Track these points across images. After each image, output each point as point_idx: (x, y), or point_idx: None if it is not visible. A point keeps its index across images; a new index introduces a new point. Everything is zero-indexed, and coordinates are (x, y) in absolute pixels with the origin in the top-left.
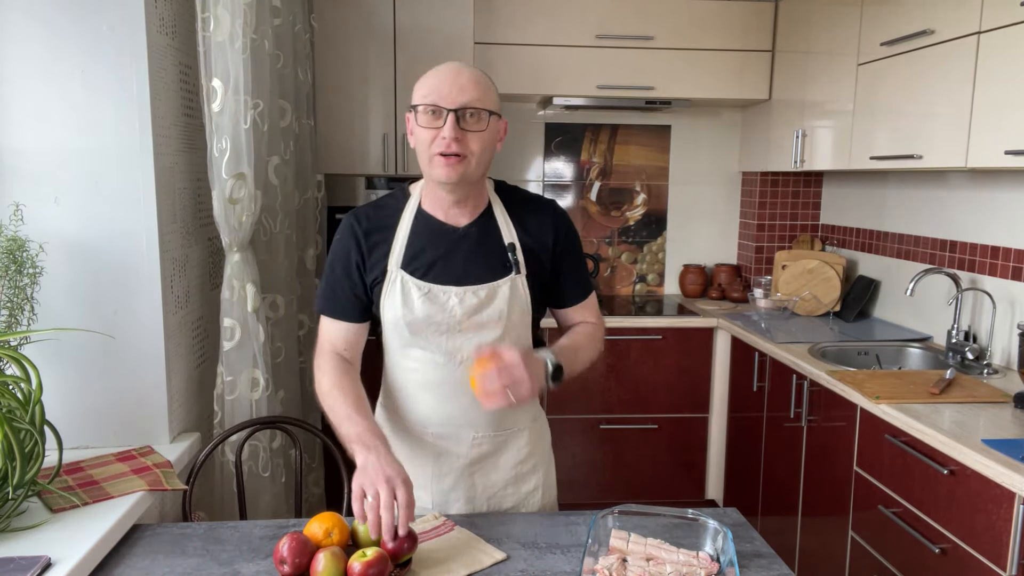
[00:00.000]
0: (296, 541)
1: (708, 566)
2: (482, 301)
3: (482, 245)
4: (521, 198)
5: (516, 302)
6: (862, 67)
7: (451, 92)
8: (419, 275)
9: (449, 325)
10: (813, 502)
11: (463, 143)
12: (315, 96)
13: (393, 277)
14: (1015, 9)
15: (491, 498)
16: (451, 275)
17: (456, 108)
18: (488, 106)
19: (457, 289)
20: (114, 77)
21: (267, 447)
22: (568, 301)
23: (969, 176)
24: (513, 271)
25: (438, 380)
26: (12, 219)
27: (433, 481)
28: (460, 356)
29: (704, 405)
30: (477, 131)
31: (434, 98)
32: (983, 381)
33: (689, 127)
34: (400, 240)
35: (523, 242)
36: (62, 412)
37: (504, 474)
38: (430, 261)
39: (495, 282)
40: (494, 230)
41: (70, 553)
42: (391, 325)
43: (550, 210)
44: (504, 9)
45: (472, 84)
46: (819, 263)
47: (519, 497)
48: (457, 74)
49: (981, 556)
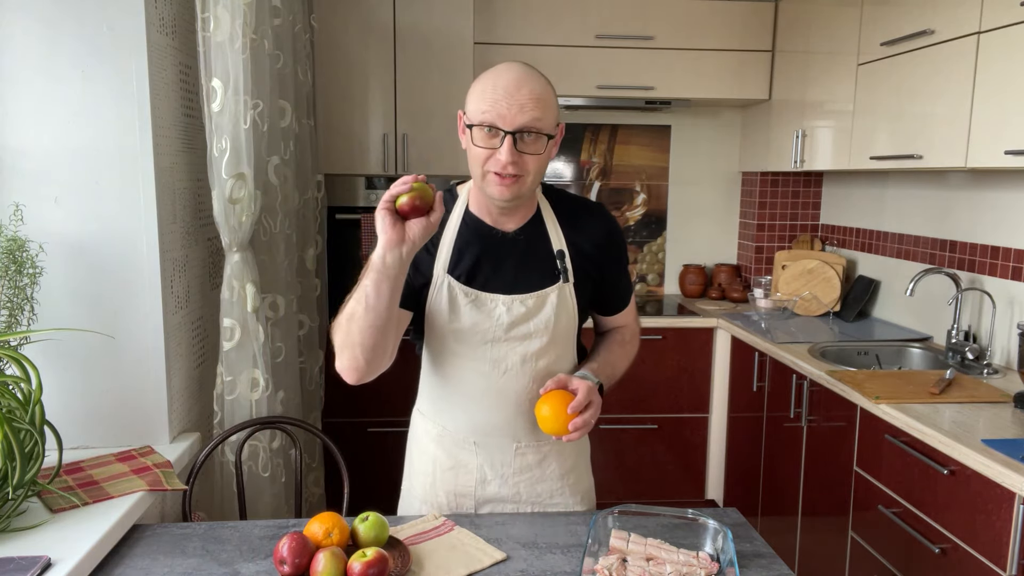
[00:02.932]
0: (296, 541)
1: (708, 566)
2: (530, 310)
3: (531, 252)
4: (570, 202)
5: (563, 311)
6: (862, 67)
7: (510, 111)
8: (464, 280)
9: (495, 334)
10: (813, 502)
11: (520, 164)
12: (315, 96)
13: (440, 282)
14: (1015, 9)
15: (536, 506)
16: (499, 282)
17: (514, 131)
18: (548, 127)
19: (505, 297)
20: (114, 77)
21: (267, 447)
22: (614, 309)
23: (969, 176)
24: (561, 279)
25: (482, 389)
26: (12, 219)
27: (479, 487)
28: (505, 365)
29: (704, 405)
30: (535, 154)
31: (491, 117)
32: (983, 381)
33: (689, 127)
34: (447, 244)
35: (572, 249)
36: (62, 412)
37: (551, 485)
38: (477, 266)
39: (543, 290)
40: (543, 236)
41: (70, 553)
42: (436, 331)
43: (600, 215)
44: (504, 9)
45: (532, 102)
46: (819, 263)
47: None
48: (517, 89)
49: (981, 556)
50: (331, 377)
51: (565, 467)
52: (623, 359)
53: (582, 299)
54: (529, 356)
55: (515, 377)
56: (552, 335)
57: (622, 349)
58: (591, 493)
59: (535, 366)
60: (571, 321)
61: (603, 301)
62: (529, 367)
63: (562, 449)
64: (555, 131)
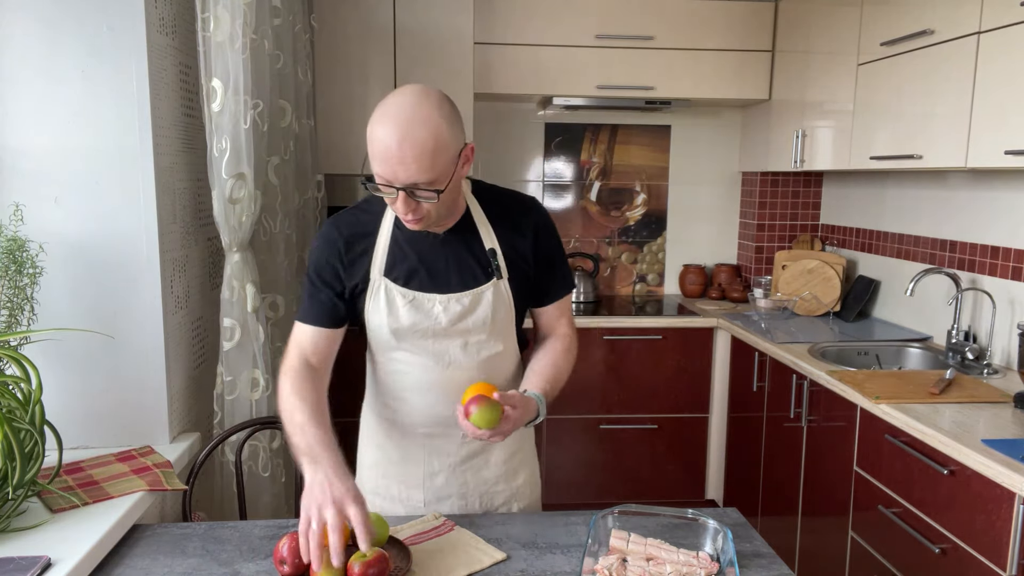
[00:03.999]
0: (296, 541)
1: (708, 566)
2: (466, 308)
3: (463, 251)
4: (499, 198)
5: (500, 306)
6: (862, 67)
7: (396, 170)
8: (402, 282)
9: (435, 331)
10: (813, 502)
11: (418, 209)
12: (315, 96)
13: (377, 285)
14: (1015, 9)
15: (484, 495)
16: (434, 283)
17: (404, 187)
18: (439, 182)
19: (441, 297)
20: (114, 77)
21: (267, 447)
22: (548, 298)
23: (969, 176)
24: (495, 276)
25: (427, 382)
26: (12, 219)
27: (426, 479)
28: (447, 359)
29: (704, 405)
30: (428, 200)
31: (382, 172)
32: (983, 381)
33: (689, 127)
34: (381, 247)
35: (504, 245)
36: (62, 412)
37: (495, 470)
38: (413, 268)
39: (478, 288)
40: (474, 236)
41: (70, 553)
42: (376, 330)
43: (529, 208)
44: (504, 9)
45: (417, 160)
46: (819, 263)
47: (510, 492)
48: (399, 148)
49: (981, 556)
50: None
51: (508, 451)
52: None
53: (518, 293)
54: (470, 348)
55: (459, 369)
56: (491, 329)
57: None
58: (535, 477)
59: (477, 357)
60: (509, 315)
61: (538, 292)
62: (471, 359)
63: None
64: (448, 181)
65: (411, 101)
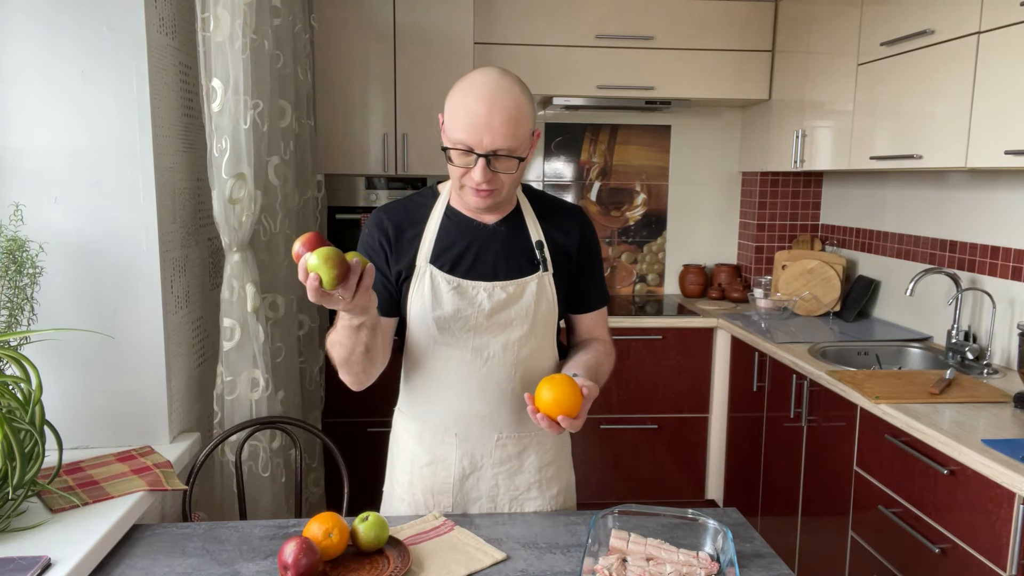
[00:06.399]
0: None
1: (708, 566)
2: (510, 296)
3: (511, 242)
4: (548, 200)
5: (543, 300)
6: (862, 67)
7: (483, 137)
8: (447, 269)
9: (477, 321)
10: (813, 502)
11: (494, 180)
12: (315, 96)
13: (422, 271)
14: (1015, 9)
15: (514, 500)
16: (480, 270)
17: (487, 153)
18: (521, 149)
19: (486, 284)
20: (114, 77)
21: (267, 447)
22: (588, 305)
23: (969, 176)
24: (541, 268)
25: (464, 377)
26: (12, 219)
27: (457, 482)
28: (487, 353)
29: (704, 405)
30: (507, 172)
31: (465, 140)
32: (983, 381)
33: (689, 127)
34: (430, 235)
35: (550, 241)
36: (62, 412)
37: (528, 477)
38: (460, 255)
39: (523, 278)
40: (523, 228)
41: (70, 553)
42: (418, 320)
43: (577, 213)
44: (504, 9)
45: (504, 126)
46: (819, 263)
47: (543, 501)
48: (490, 113)
49: (981, 556)
50: (331, 377)
51: (544, 460)
52: (605, 374)
53: (560, 290)
54: (511, 344)
55: (498, 365)
56: (532, 323)
57: (608, 361)
58: (571, 489)
59: (517, 355)
60: (551, 310)
61: (579, 297)
62: (511, 355)
63: (542, 441)
64: (527, 151)
65: (496, 75)
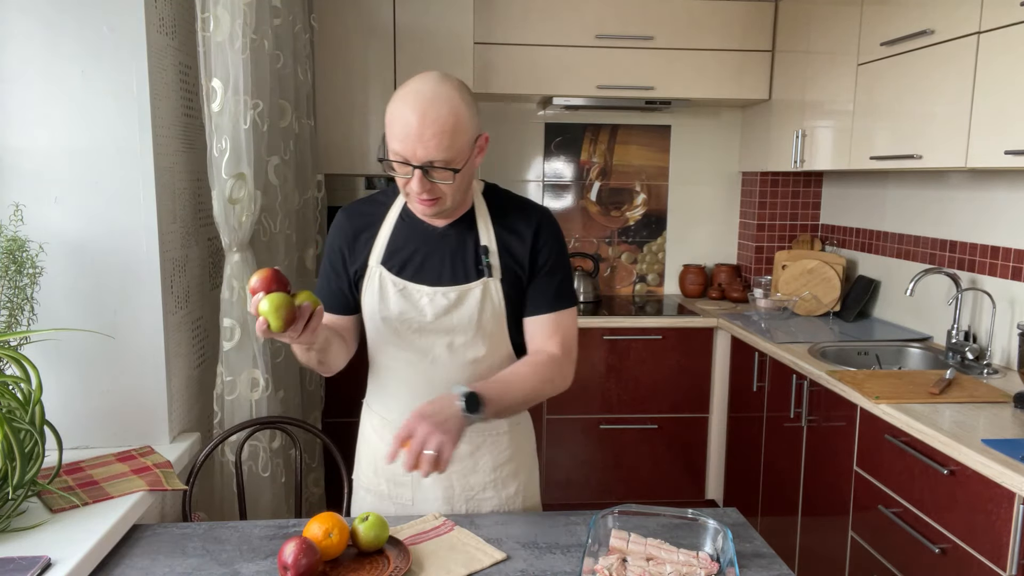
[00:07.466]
0: (300, 546)
1: (708, 566)
2: (452, 303)
3: (459, 247)
4: (507, 202)
5: (488, 306)
6: (862, 67)
7: (416, 149)
8: (396, 271)
9: (421, 324)
10: (813, 502)
11: (434, 190)
12: (315, 96)
13: (373, 272)
14: (1015, 9)
15: (470, 500)
16: (426, 274)
17: (422, 165)
18: (456, 161)
19: (429, 289)
20: (114, 77)
21: (267, 447)
22: (530, 310)
23: (969, 176)
24: (486, 274)
25: (413, 377)
26: (12, 219)
27: (414, 478)
28: (431, 356)
29: (704, 405)
30: (444, 182)
31: (400, 149)
32: (983, 381)
33: (689, 127)
34: (383, 237)
35: (501, 246)
36: (62, 412)
37: (483, 476)
38: (408, 258)
39: (466, 284)
40: (473, 232)
41: (70, 553)
42: (369, 320)
43: (535, 216)
44: (504, 9)
45: (437, 138)
46: (819, 263)
47: (499, 501)
48: (422, 123)
49: (981, 556)
50: (331, 377)
51: (499, 460)
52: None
53: (510, 296)
54: (456, 348)
55: (445, 368)
56: (477, 329)
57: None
58: (531, 487)
59: (464, 358)
60: (497, 317)
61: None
62: (458, 359)
63: (497, 441)
64: (465, 161)
65: (432, 82)
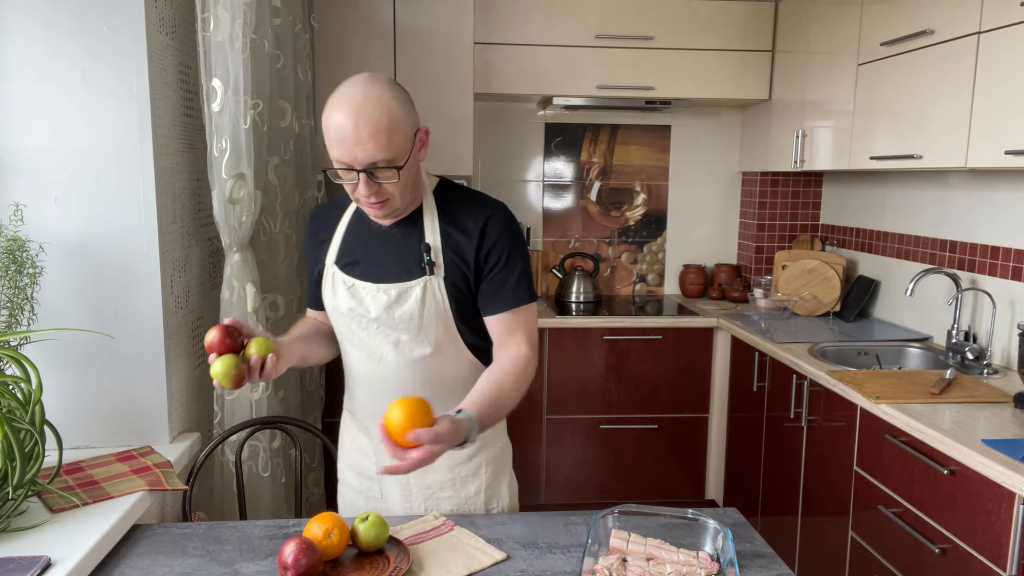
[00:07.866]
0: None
1: (708, 566)
2: (393, 300)
3: (404, 245)
4: (457, 198)
5: (431, 304)
6: (862, 67)
7: (355, 152)
8: (346, 269)
9: (366, 321)
10: (813, 502)
11: (380, 191)
12: (315, 96)
13: (328, 271)
14: (1015, 9)
15: (428, 499)
16: (372, 272)
17: (365, 168)
18: (398, 158)
19: (372, 286)
20: (114, 77)
21: (267, 447)
22: (489, 308)
23: (969, 176)
24: (427, 271)
25: (365, 374)
26: (12, 219)
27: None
28: (379, 354)
29: (704, 405)
30: (390, 181)
31: (341, 156)
32: (983, 381)
33: (689, 127)
34: (338, 237)
35: (446, 244)
36: (62, 412)
37: (440, 476)
38: (357, 257)
39: (407, 282)
40: (418, 230)
41: (70, 553)
42: (330, 317)
43: (483, 212)
44: (504, 9)
45: (373, 138)
46: (819, 263)
47: (458, 501)
48: (357, 126)
49: (981, 556)
50: (331, 377)
51: (457, 459)
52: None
53: (455, 295)
54: (402, 346)
55: (392, 366)
56: (420, 327)
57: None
58: (496, 488)
59: (410, 356)
60: (441, 315)
61: (481, 299)
62: (404, 357)
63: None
64: (407, 156)
65: (362, 85)
